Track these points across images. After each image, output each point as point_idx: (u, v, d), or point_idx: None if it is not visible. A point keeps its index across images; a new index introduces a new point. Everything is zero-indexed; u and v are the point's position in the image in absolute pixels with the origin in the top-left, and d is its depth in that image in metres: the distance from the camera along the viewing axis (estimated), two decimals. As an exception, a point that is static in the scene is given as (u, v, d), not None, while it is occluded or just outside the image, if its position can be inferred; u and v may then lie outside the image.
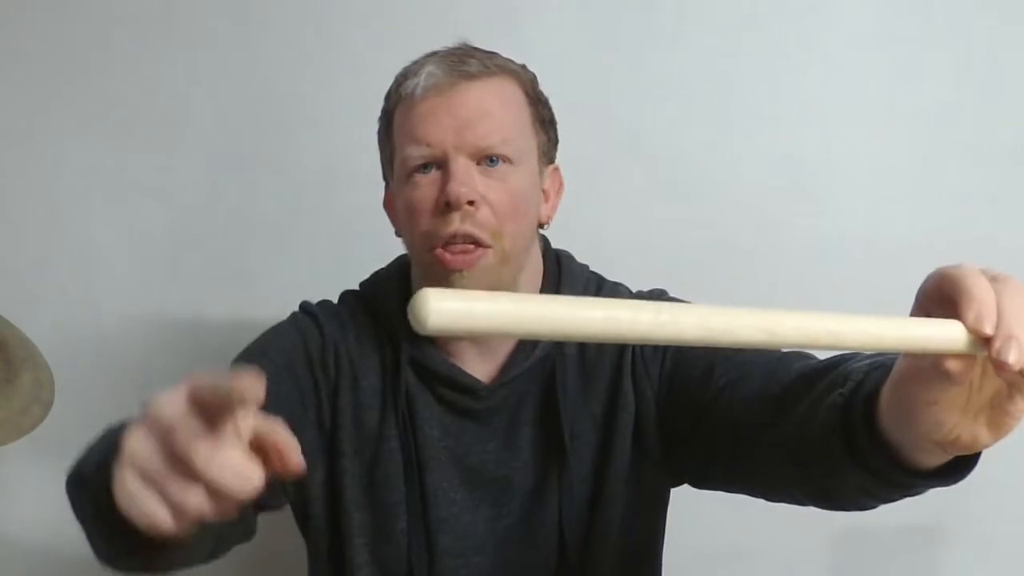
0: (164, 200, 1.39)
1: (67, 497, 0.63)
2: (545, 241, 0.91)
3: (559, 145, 0.90)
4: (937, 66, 1.36)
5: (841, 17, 1.36)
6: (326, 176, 1.38)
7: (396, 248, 1.00)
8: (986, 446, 0.49)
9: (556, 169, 0.89)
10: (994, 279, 0.43)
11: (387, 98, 0.85)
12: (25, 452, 1.31)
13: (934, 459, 0.52)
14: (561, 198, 0.90)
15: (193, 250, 1.40)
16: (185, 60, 1.38)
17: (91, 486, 0.56)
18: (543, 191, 0.86)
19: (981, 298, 0.42)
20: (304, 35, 1.38)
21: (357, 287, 0.94)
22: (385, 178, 0.89)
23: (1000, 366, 0.41)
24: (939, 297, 0.45)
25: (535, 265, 0.87)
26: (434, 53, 0.82)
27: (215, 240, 1.40)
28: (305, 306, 0.91)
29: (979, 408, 0.47)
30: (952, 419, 0.47)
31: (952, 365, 0.43)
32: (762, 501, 0.80)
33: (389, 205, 0.90)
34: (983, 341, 0.42)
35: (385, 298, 0.88)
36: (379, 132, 0.87)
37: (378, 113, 0.89)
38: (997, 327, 0.41)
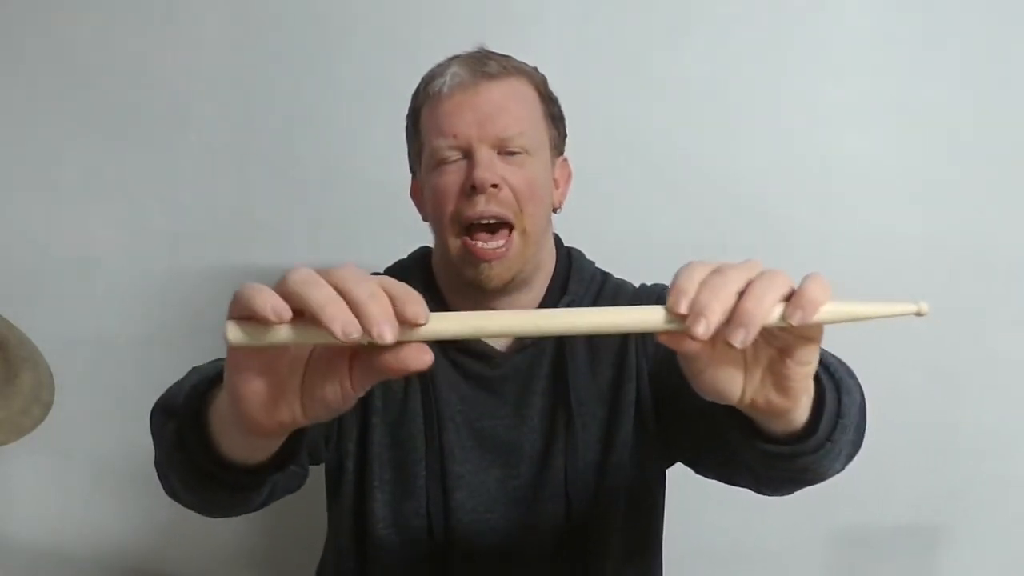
0: (164, 200, 1.39)
1: (150, 425, 0.70)
2: (558, 239, 0.98)
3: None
4: (937, 66, 1.36)
5: (841, 17, 1.36)
6: (327, 176, 1.38)
7: (396, 247, 1.00)
8: (786, 408, 0.54)
9: (565, 160, 0.97)
10: (716, 270, 0.49)
11: (414, 97, 0.92)
12: (25, 452, 1.31)
13: (776, 426, 0.58)
14: (570, 186, 0.97)
15: (193, 250, 1.40)
16: (185, 60, 1.38)
17: (179, 413, 0.61)
18: (554, 179, 0.93)
19: (679, 285, 0.48)
20: (304, 35, 1.38)
21: (382, 272, 0.99)
22: (412, 170, 0.96)
23: (693, 337, 0.47)
24: None
25: (550, 251, 0.95)
26: (456, 56, 0.90)
27: (215, 240, 1.40)
28: None
29: (762, 375, 0.53)
30: (731, 385, 0.53)
31: (663, 339, 0.50)
32: (762, 500, 0.80)
33: (415, 194, 0.96)
34: (683, 319, 0.48)
35: (408, 279, 0.92)
36: (407, 128, 0.94)
37: (378, 113, 0.94)
38: (691, 307, 0.47)
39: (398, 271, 0.97)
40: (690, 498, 1.02)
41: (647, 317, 0.50)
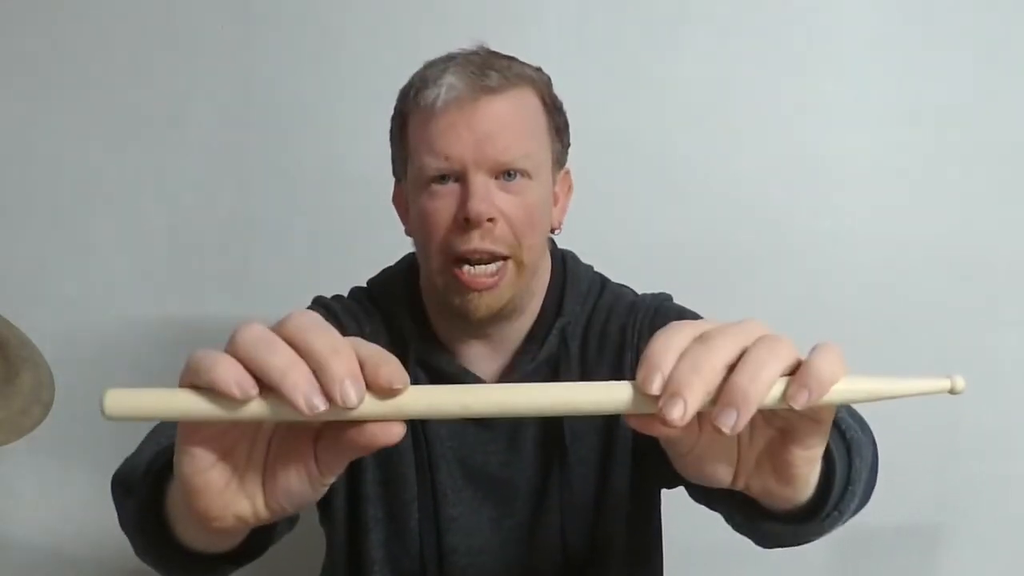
0: (164, 200, 1.39)
1: (112, 497, 0.64)
2: (552, 242, 0.92)
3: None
4: (938, 66, 1.36)
5: (841, 17, 1.36)
6: (326, 176, 1.38)
7: (396, 248, 1.00)
8: (788, 498, 0.47)
9: (567, 173, 0.89)
10: (700, 337, 0.40)
11: (402, 98, 0.83)
12: (25, 452, 1.31)
13: (775, 505, 0.50)
14: (570, 199, 0.90)
15: (193, 250, 1.40)
16: (185, 60, 1.38)
17: (136, 493, 0.56)
18: (554, 194, 0.86)
19: (652, 356, 0.40)
20: (304, 35, 1.38)
21: (366, 284, 0.93)
22: (395, 174, 0.88)
23: (666, 423, 0.39)
24: None
25: (545, 267, 0.88)
26: (452, 58, 0.80)
27: (215, 240, 1.40)
28: (321, 301, 0.91)
29: (758, 459, 0.46)
30: (721, 472, 0.46)
31: (633, 423, 0.42)
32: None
33: (398, 201, 0.89)
34: (655, 400, 0.39)
35: (392, 298, 0.88)
36: (391, 131, 0.85)
37: (378, 113, 0.88)
38: (666, 386, 0.39)
39: (386, 279, 0.91)
40: (690, 498, 1.02)
41: (612, 396, 0.40)
